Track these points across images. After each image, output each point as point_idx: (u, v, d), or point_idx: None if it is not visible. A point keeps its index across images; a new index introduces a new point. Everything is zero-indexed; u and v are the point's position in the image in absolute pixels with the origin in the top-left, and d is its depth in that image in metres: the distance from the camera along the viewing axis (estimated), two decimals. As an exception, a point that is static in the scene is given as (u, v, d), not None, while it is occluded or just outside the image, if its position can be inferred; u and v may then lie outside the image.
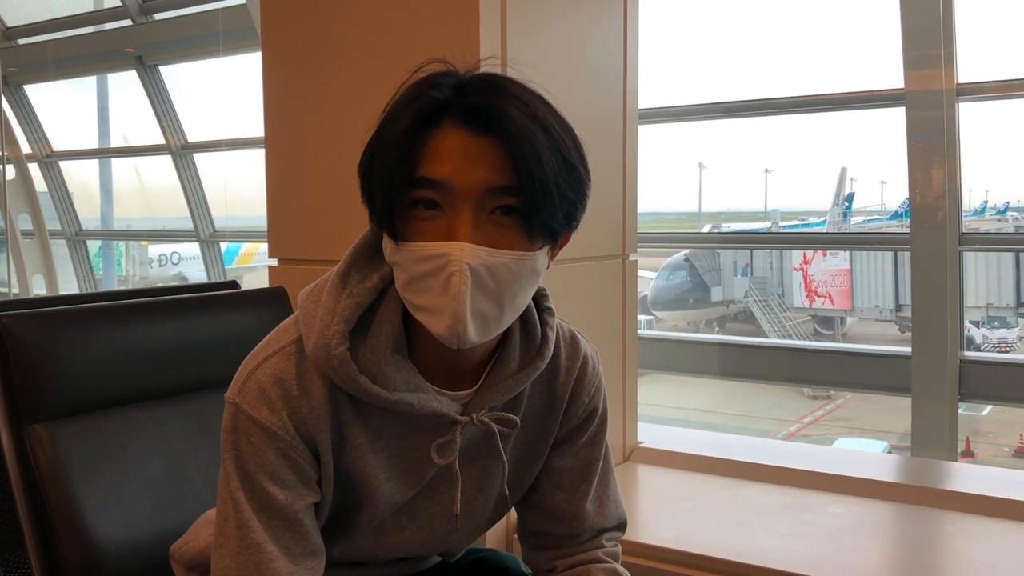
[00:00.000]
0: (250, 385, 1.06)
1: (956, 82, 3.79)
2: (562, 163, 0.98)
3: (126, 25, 7.13)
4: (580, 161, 1.02)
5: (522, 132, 0.96)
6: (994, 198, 12.25)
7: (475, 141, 0.96)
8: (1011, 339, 11.04)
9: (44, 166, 8.23)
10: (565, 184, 0.99)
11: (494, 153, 0.96)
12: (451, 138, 0.97)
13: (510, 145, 0.96)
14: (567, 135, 1.01)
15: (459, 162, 0.96)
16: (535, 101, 1.00)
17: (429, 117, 0.97)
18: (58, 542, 1.36)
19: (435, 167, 0.96)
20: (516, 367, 1.12)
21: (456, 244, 0.96)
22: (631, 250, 2.54)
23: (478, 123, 0.96)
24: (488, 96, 0.98)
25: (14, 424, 1.39)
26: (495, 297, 0.99)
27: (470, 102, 0.97)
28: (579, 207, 1.03)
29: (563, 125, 1.02)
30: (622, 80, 2.49)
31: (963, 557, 1.93)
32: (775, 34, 16.26)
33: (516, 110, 0.97)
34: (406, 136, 0.97)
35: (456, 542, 1.25)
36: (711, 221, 13.63)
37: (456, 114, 0.97)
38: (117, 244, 9.99)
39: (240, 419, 1.06)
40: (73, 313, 1.50)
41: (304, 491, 1.07)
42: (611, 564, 1.27)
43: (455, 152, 0.96)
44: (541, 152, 0.96)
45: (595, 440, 1.26)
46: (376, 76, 2.12)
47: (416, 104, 0.98)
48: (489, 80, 1.01)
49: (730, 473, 2.40)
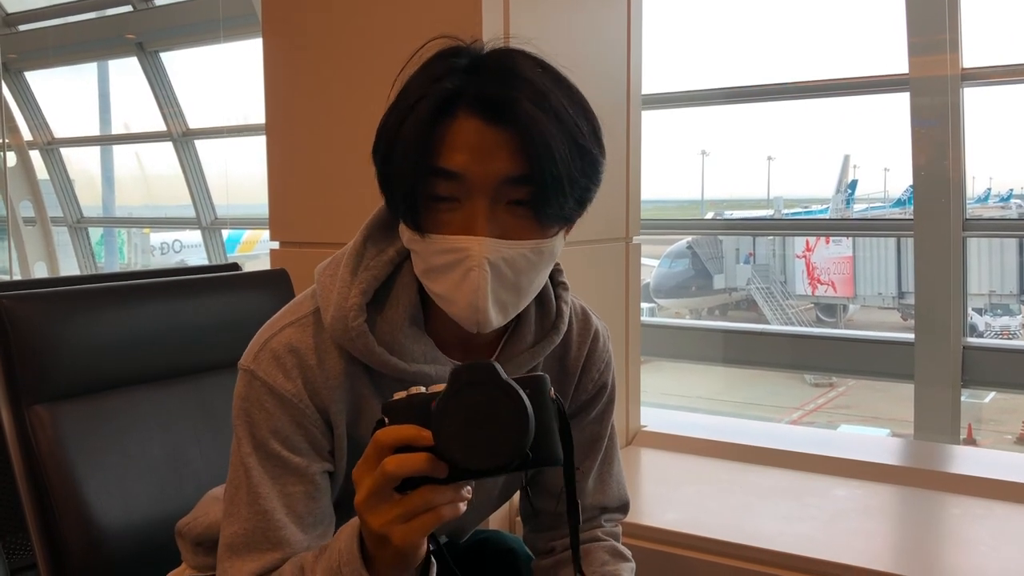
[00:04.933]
0: (265, 353, 1.06)
1: (961, 68, 3.77)
2: (575, 151, 0.98)
3: (127, 11, 7.11)
4: (595, 142, 1.02)
5: (534, 125, 0.95)
6: (997, 185, 12.23)
7: (489, 132, 0.96)
8: (1014, 327, 11.03)
9: (45, 153, 8.22)
10: (578, 172, 0.99)
11: (508, 144, 0.96)
12: (465, 129, 0.96)
13: (524, 136, 0.95)
14: (580, 116, 1.00)
15: (474, 154, 0.96)
16: (548, 84, 0.99)
17: (443, 109, 0.97)
18: (59, 523, 1.35)
19: (451, 158, 0.96)
20: (531, 341, 1.13)
21: (475, 239, 0.96)
22: (634, 233, 2.53)
23: (492, 114, 0.96)
24: (501, 84, 0.97)
25: (15, 405, 1.38)
26: (514, 286, 1.00)
27: (483, 93, 0.96)
28: (592, 189, 1.03)
29: (576, 105, 1.01)
30: (625, 64, 2.48)
31: (967, 539, 1.93)
32: (778, 19, 16.20)
33: (528, 101, 0.96)
34: (423, 130, 0.96)
35: (468, 520, 1.25)
36: (713, 209, 13.62)
37: (469, 104, 0.97)
38: (119, 232, 9.98)
39: (255, 386, 1.06)
40: (75, 294, 1.50)
41: (316, 459, 1.07)
42: (610, 542, 1.27)
43: (470, 143, 0.96)
44: (553, 145, 0.96)
45: (603, 417, 1.26)
46: (377, 61, 2.11)
47: (431, 95, 0.97)
48: (502, 63, 1.00)
49: (733, 456, 2.40)
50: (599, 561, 1.24)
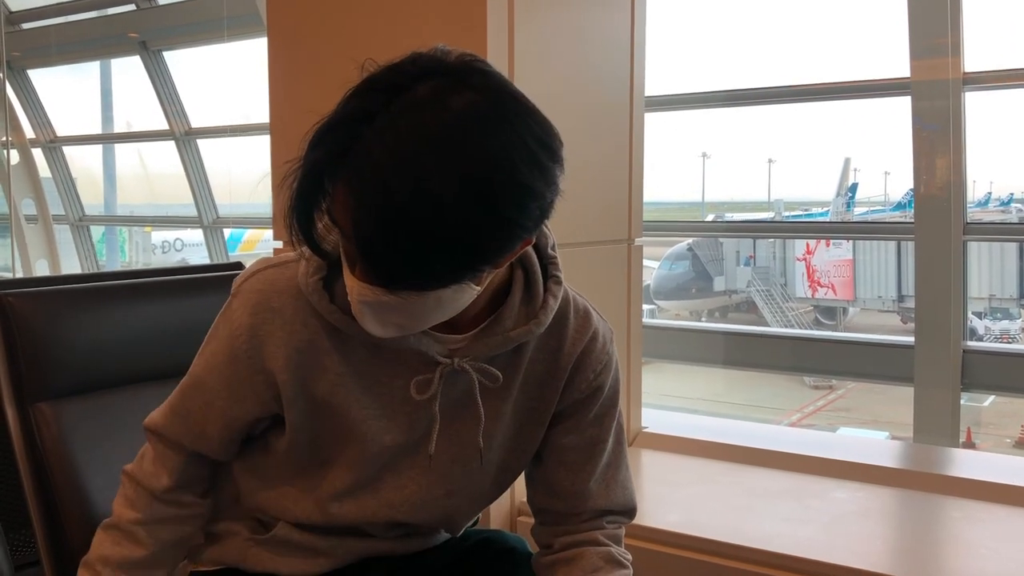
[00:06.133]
0: (249, 282, 1.14)
1: (962, 72, 3.78)
2: (463, 244, 0.93)
3: (130, 10, 7.12)
4: (512, 198, 0.94)
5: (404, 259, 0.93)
6: (998, 190, 12.24)
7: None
8: (1014, 331, 11.03)
9: (48, 151, 8.23)
10: (470, 256, 0.96)
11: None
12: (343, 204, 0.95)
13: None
14: (484, 183, 0.92)
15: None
16: (451, 150, 0.92)
17: (335, 167, 0.95)
18: (64, 521, 1.36)
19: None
20: (511, 326, 1.13)
21: (353, 281, 0.99)
22: (636, 235, 2.54)
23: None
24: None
25: (19, 402, 1.39)
26: (408, 316, 1.02)
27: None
28: (514, 238, 0.98)
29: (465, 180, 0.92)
30: (629, 66, 2.48)
31: (967, 542, 1.93)
32: (780, 22, 16.21)
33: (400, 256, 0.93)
34: (312, 185, 0.96)
35: (455, 508, 1.25)
36: (714, 211, 13.62)
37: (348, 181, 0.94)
38: (120, 230, 9.99)
39: (233, 305, 1.14)
40: (78, 292, 1.50)
41: (248, 403, 1.15)
42: (609, 547, 1.26)
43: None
44: (433, 257, 0.93)
45: (602, 420, 1.25)
46: (382, 60, 2.11)
47: (327, 148, 0.97)
48: (402, 142, 0.92)
49: (734, 458, 2.40)
50: (591, 567, 1.22)
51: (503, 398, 1.18)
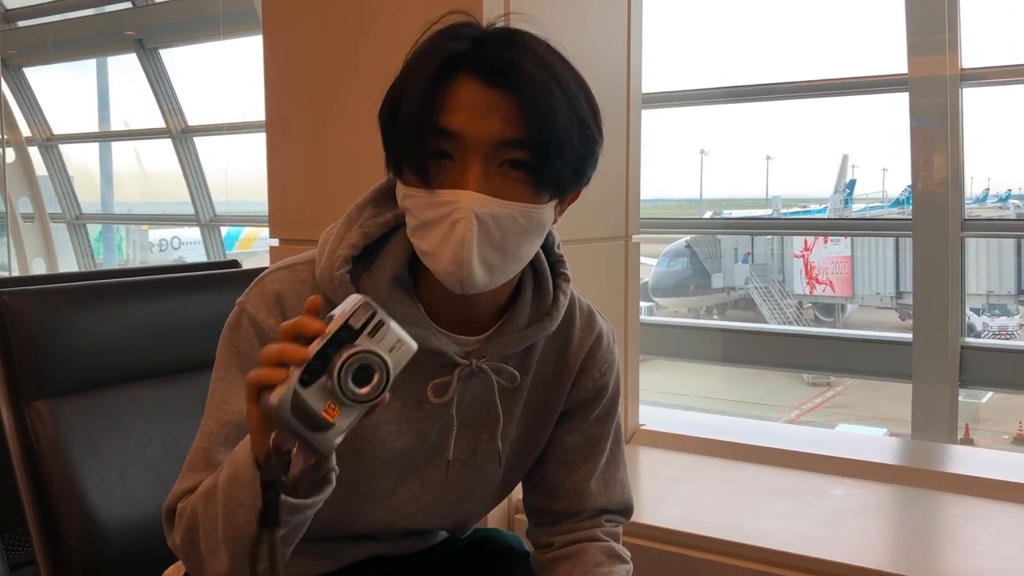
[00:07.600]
0: (256, 289, 1.11)
1: (960, 68, 3.77)
2: (574, 119, 1.01)
3: (126, 8, 7.11)
4: (592, 118, 1.05)
5: (536, 86, 0.98)
6: (996, 186, 12.26)
7: (489, 94, 0.98)
8: (1011, 327, 11.05)
9: (44, 149, 8.21)
10: (576, 140, 1.01)
11: (507, 107, 0.98)
12: (465, 90, 0.99)
13: (522, 99, 0.98)
14: (581, 92, 1.04)
15: (472, 114, 0.98)
16: (552, 57, 1.03)
17: (447, 69, 0.99)
18: (59, 519, 1.36)
19: (449, 118, 0.98)
20: (524, 323, 1.13)
21: (464, 192, 0.98)
22: (634, 231, 2.53)
23: (493, 76, 0.98)
24: (504, 50, 1.00)
25: (15, 401, 1.39)
26: (500, 247, 1.01)
27: (486, 55, 0.99)
28: (588, 163, 1.05)
29: (578, 82, 1.04)
30: (625, 62, 2.47)
31: (965, 538, 1.93)
32: (778, 19, 16.20)
33: (531, 64, 0.99)
34: (426, 88, 0.99)
35: (466, 511, 1.25)
36: (712, 208, 13.64)
37: (472, 66, 0.99)
38: (117, 228, 9.98)
39: (242, 319, 1.11)
40: (74, 291, 1.50)
41: None
42: (609, 542, 1.27)
43: (469, 104, 0.98)
44: (554, 107, 0.98)
45: (604, 419, 1.26)
46: (378, 58, 2.11)
47: (435, 56, 1.00)
48: (508, 34, 1.04)
49: (732, 455, 2.40)
50: (593, 561, 1.23)
51: (515, 399, 1.18)
